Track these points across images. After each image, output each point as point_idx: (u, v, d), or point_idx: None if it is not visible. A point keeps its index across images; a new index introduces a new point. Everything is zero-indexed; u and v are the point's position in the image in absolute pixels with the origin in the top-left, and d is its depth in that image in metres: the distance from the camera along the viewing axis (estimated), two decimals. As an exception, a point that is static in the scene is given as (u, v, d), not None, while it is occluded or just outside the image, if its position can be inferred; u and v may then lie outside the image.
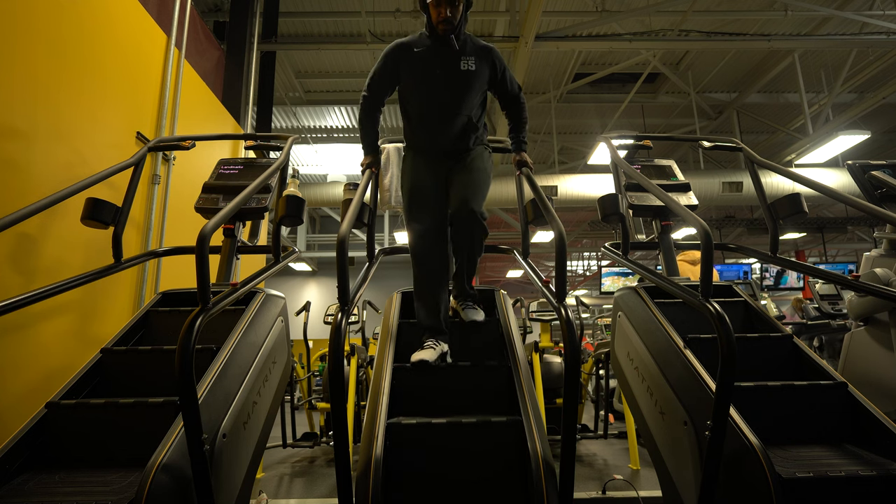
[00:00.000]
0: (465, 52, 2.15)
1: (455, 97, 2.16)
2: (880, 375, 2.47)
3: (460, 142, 2.22)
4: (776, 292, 10.49)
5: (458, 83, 2.14)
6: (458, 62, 2.13)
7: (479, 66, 2.16)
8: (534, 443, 1.59)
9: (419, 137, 2.25)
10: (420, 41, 2.18)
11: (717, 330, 1.41)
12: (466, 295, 2.28)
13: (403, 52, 2.18)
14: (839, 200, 2.18)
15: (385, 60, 2.21)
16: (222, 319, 1.98)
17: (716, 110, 8.69)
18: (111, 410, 1.65)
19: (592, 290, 19.05)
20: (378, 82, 2.24)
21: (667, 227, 2.58)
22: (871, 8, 6.36)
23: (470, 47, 2.17)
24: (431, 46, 2.14)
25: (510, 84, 2.29)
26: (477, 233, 2.13)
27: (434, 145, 2.22)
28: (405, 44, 2.19)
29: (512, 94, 2.32)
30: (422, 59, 2.14)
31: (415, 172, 2.23)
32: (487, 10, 6.53)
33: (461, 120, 2.18)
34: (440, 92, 2.15)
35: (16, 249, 2.18)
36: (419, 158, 2.25)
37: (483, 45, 2.22)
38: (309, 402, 4.51)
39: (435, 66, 2.13)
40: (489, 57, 2.21)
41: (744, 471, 1.49)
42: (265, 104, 5.77)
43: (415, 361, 1.95)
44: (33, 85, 2.32)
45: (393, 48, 2.20)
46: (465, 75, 2.14)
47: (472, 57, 2.15)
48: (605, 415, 4.03)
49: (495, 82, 2.26)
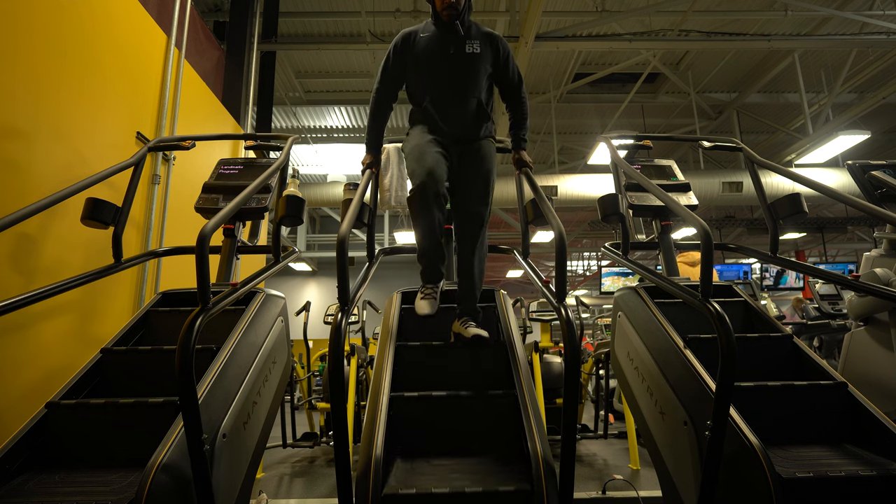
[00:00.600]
0: (469, 37, 2.19)
1: (462, 80, 2.18)
2: (880, 375, 2.47)
3: (473, 128, 2.21)
4: (776, 292, 10.50)
5: (465, 66, 2.17)
6: (464, 45, 2.17)
7: (483, 50, 2.20)
8: (534, 442, 1.59)
9: (430, 118, 2.20)
10: (426, 28, 2.24)
11: (717, 330, 1.41)
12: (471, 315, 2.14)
13: (410, 39, 2.23)
14: (839, 200, 2.18)
15: (393, 49, 2.25)
16: (222, 319, 1.98)
17: (716, 110, 8.69)
18: (111, 410, 1.65)
19: (592, 290, 19.05)
20: (389, 73, 2.27)
21: (667, 227, 2.58)
22: (871, 8, 6.36)
23: (475, 32, 2.22)
24: (437, 33, 2.20)
25: (512, 72, 2.30)
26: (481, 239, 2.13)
27: (446, 125, 2.18)
28: (411, 31, 2.25)
29: (513, 83, 2.32)
30: (428, 44, 2.19)
31: (422, 136, 2.17)
32: (487, 10, 6.54)
33: (472, 103, 2.18)
34: (447, 75, 2.18)
35: (16, 249, 2.18)
36: (428, 134, 2.18)
37: (488, 31, 2.27)
38: (309, 402, 4.51)
39: (441, 50, 2.17)
40: (493, 42, 2.25)
41: (744, 471, 1.49)
42: (265, 104, 5.77)
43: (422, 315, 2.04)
44: (34, 85, 2.32)
45: (399, 37, 2.26)
46: (471, 58, 2.17)
47: (476, 41, 2.20)
48: (605, 415, 4.03)
49: (498, 67, 2.27)
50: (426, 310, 2.04)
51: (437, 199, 2.01)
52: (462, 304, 2.16)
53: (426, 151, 2.09)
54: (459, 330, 2.09)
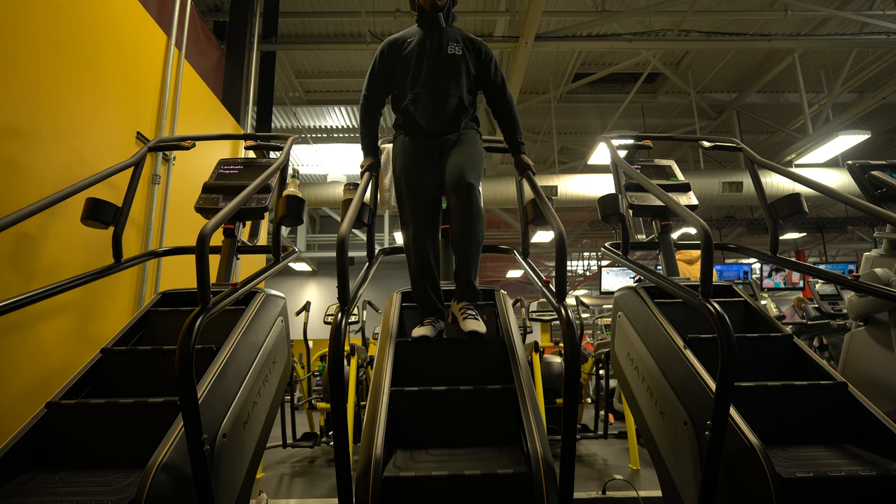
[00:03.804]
0: (451, 39, 2.25)
1: (444, 79, 2.20)
2: (880, 375, 2.47)
3: (452, 124, 2.22)
4: (776, 292, 10.51)
5: (446, 66, 2.20)
6: (446, 47, 2.21)
7: (465, 52, 2.25)
8: (534, 442, 1.59)
9: (411, 120, 2.23)
10: (410, 33, 2.30)
11: (718, 330, 1.41)
12: (469, 296, 2.10)
13: (395, 45, 2.28)
14: (839, 200, 2.18)
15: (380, 55, 2.29)
16: (222, 319, 1.98)
17: (716, 110, 8.69)
18: (111, 410, 1.65)
19: (592, 290, 19.04)
20: (375, 79, 2.30)
21: (667, 227, 2.58)
22: (871, 8, 6.36)
23: (457, 35, 2.28)
24: (420, 34, 2.25)
25: (495, 74, 2.32)
26: (475, 209, 2.06)
27: (427, 124, 2.20)
28: (396, 38, 2.30)
29: (496, 85, 2.32)
30: (412, 47, 2.24)
31: (405, 157, 2.21)
32: (487, 10, 6.53)
33: (452, 101, 2.20)
34: (430, 75, 2.20)
35: (16, 249, 2.18)
36: (410, 144, 2.22)
37: (470, 36, 2.32)
38: (309, 402, 4.51)
39: (423, 51, 2.21)
40: (476, 45, 2.30)
41: (744, 471, 1.49)
42: (265, 104, 5.77)
43: (416, 336, 2.01)
44: (34, 85, 2.32)
45: (386, 44, 2.30)
46: (452, 59, 2.21)
47: (458, 44, 2.25)
48: (605, 415, 4.04)
49: (480, 69, 2.29)
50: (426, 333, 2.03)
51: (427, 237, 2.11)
52: (459, 280, 2.12)
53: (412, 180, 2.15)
54: (457, 314, 2.09)
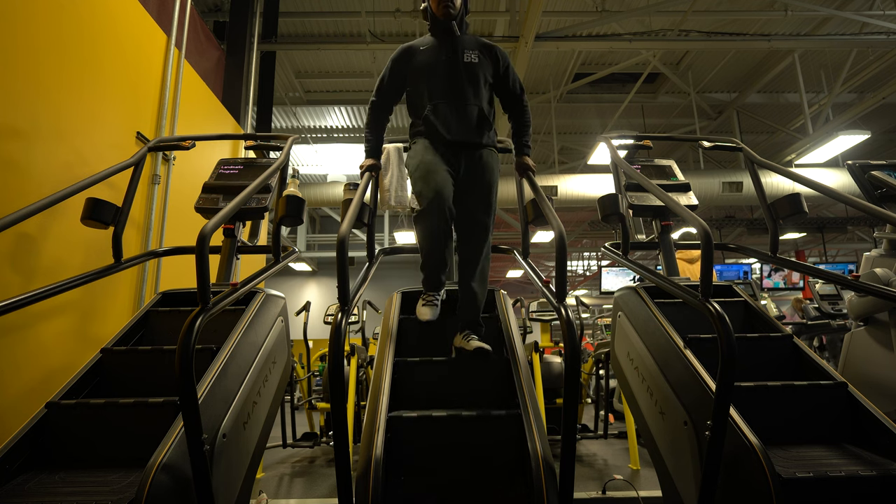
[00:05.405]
0: (467, 46, 2.21)
1: (462, 88, 2.16)
2: (880, 375, 2.47)
3: (476, 135, 2.17)
4: (776, 292, 10.50)
5: (463, 75, 2.17)
6: (462, 55, 2.18)
7: (482, 60, 2.21)
8: (534, 442, 1.59)
9: (433, 129, 2.15)
10: (423, 41, 2.27)
11: (718, 330, 1.41)
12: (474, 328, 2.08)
13: (409, 54, 2.25)
14: (839, 200, 2.18)
15: (392, 65, 2.26)
16: (222, 319, 1.98)
17: (716, 110, 8.69)
18: (111, 410, 1.65)
19: (592, 290, 19.04)
20: (386, 87, 2.28)
21: (667, 227, 2.59)
22: (871, 8, 6.36)
23: (472, 42, 2.24)
24: (435, 43, 2.22)
25: (513, 82, 2.30)
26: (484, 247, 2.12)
27: (449, 133, 2.13)
28: (410, 46, 2.27)
29: (514, 93, 2.31)
30: (427, 56, 2.21)
31: (429, 154, 2.13)
32: (487, 10, 6.53)
33: (473, 110, 2.17)
34: (447, 85, 2.17)
35: (16, 249, 2.18)
36: (431, 145, 2.16)
37: (486, 42, 2.29)
38: (309, 402, 4.51)
39: (439, 60, 2.18)
40: (492, 52, 2.26)
41: (744, 471, 1.49)
42: (265, 104, 5.77)
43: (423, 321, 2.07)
44: (34, 85, 2.32)
45: (398, 52, 2.26)
46: (469, 67, 2.18)
47: (475, 51, 2.21)
48: (605, 415, 4.03)
49: (498, 77, 2.27)
50: (427, 316, 2.06)
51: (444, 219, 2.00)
52: (463, 314, 2.10)
53: (432, 170, 2.06)
54: (461, 344, 2.03)
